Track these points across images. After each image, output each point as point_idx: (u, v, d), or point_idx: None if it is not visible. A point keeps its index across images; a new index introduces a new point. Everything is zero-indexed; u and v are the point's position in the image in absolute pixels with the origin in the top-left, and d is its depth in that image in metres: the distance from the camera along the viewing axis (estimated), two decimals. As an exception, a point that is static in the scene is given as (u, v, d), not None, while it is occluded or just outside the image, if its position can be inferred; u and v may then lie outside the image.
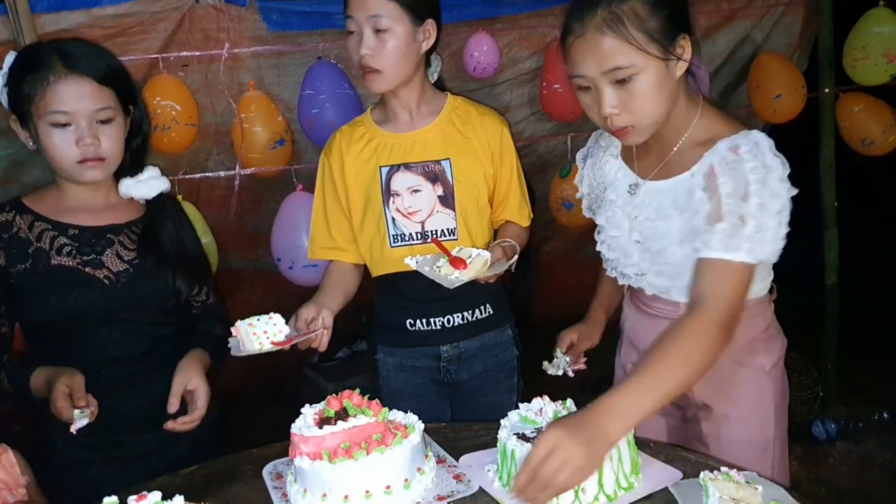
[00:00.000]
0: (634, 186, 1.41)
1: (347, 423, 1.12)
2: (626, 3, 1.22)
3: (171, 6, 2.19)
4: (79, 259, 1.48)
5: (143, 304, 1.52)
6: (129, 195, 1.58)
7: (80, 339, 1.49)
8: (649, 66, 1.24)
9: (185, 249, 1.61)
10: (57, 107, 1.40)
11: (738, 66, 3.01)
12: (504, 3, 2.61)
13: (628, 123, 1.29)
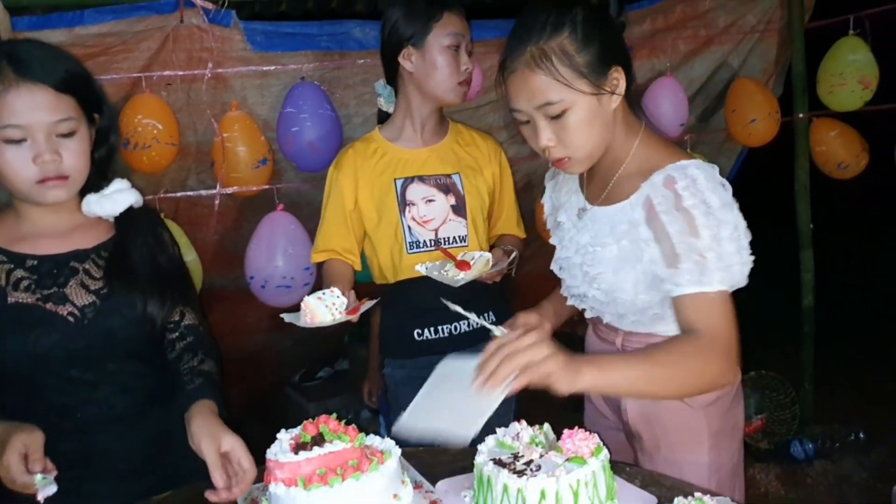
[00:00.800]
0: (582, 211, 1.44)
1: (323, 449, 1.11)
2: (554, 40, 1.24)
3: (155, 26, 2.20)
4: (38, 294, 1.31)
5: (115, 339, 1.34)
6: (94, 213, 1.39)
7: (48, 384, 1.32)
8: (579, 101, 1.26)
9: (158, 268, 1.40)
10: (8, 120, 1.22)
11: (715, 91, 3.08)
12: (487, 27, 2.65)
13: (564, 155, 1.31)
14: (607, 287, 1.35)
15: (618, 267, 1.33)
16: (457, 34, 1.79)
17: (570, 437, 1.08)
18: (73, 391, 1.33)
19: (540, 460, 1.07)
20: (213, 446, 1.19)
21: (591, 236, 1.39)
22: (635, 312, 1.36)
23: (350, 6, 2.75)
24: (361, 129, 2.56)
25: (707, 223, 1.21)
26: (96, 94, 1.36)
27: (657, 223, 1.24)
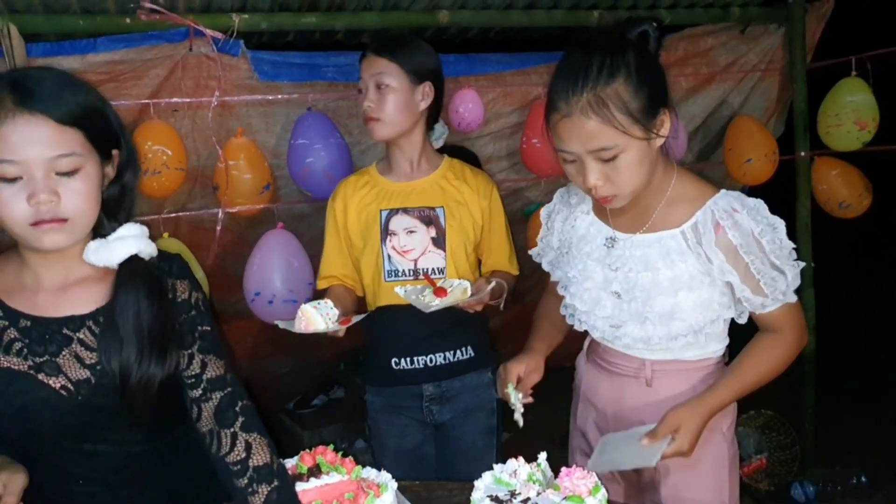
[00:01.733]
0: (611, 240, 1.46)
1: (320, 481, 1.11)
2: (609, 87, 1.26)
3: (165, 54, 2.23)
4: (31, 361, 1.17)
5: (114, 414, 1.19)
6: (92, 262, 1.21)
7: (43, 450, 1.20)
8: (632, 145, 1.29)
9: (140, 327, 1.18)
10: (3, 155, 1.08)
11: (715, 128, 3.10)
12: (489, 61, 2.70)
13: (611, 193, 1.35)
14: (664, 310, 1.39)
15: (676, 289, 1.38)
16: (366, 76, 1.88)
17: (567, 476, 1.08)
18: (70, 460, 1.22)
19: (537, 498, 1.07)
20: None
21: (636, 263, 1.42)
22: (687, 335, 1.41)
23: (356, 38, 2.79)
24: (364, 157, 2.59)
25: (773, 250, 1.35)
26: (111, 129, 1.21)
27: (731, 250, 1.35)
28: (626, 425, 1.45)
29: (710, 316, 1.40)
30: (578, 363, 1.67)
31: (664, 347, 1.44)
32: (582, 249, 1.51)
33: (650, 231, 1.42)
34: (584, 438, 1.61)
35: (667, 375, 1.46)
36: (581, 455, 1.61)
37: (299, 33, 2.67)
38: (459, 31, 2.85)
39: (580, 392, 1.63)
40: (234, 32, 2.26)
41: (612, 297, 1.45)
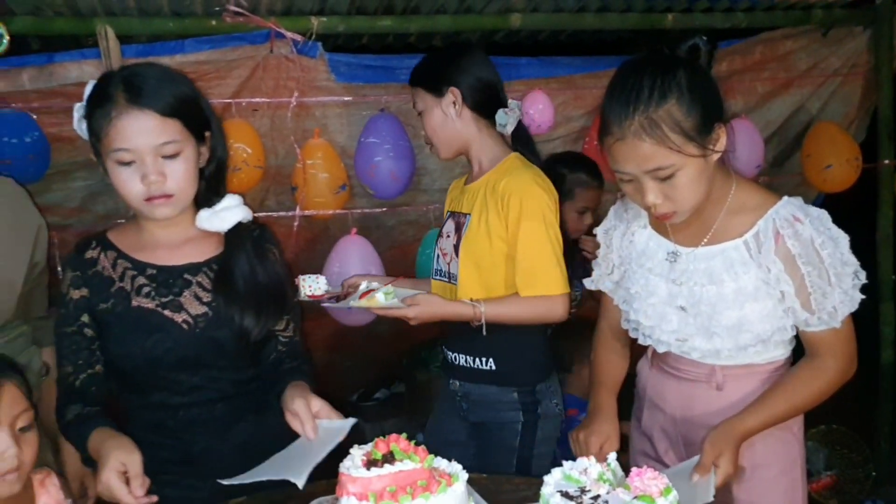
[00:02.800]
0: (673, 255, 1.46)
1: (394, 467, 1.14)
2: (661, 108, 1.26)
3: (247, 55, 2.33)
4: (157, 301, 1.41)
5: (221, 348, 1.42)
6: (205, 228, 1.46)
7: (157, 384, 1.41)
8: (688, 163, 1.29)
9: (257, 285, 1.45)
10: (120, 144, 1.32)
11: (792, 134, 3.03)
12: (560, 63, 2.70)
13: (670, 210, 1.35)
14: (732, 323, 1.38)
15: (742, 302, 1.37)
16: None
17: (638, 476, 1.08)
18: (178, 393, 1.42)
19: (607, 496, 1.07)
20: (304, 404, 1.30)
21: (700, 276, 1.41)
22: (755, 345, 1.40)
23: (428, 40, 2.84)
24: (432, 160, 2.64)
25: (834, 263, 1.32)
26: (204, 115, 1.43)
27: (790, 260, 1.33)
28: (696, 429, 1.44)
29: (777, 324, 1.39)
30: (641, 368, 1.66)
31: (733, 358, 1.43)
32: (643, 265, 1.51)
33: (712, 243, 1.41)
34: (650, 442, 1.61)
35: (738, 379, 1.45)
36: (644, 458, 1.61)
37: (373, 36, 2.74)
38: (530, 33, 2.87)
39: (645, 397, 1.62)
40: (312, 35, 2.34)
41: (677, 311, 1.45)
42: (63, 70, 2.12)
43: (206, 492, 1.38)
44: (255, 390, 1.49)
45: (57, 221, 2.33)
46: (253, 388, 1.49)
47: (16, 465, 1.19)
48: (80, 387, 1.40)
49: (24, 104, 2.11)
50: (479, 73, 1.85)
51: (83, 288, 1.42)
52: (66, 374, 1.42)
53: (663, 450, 1.57)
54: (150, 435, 1.42)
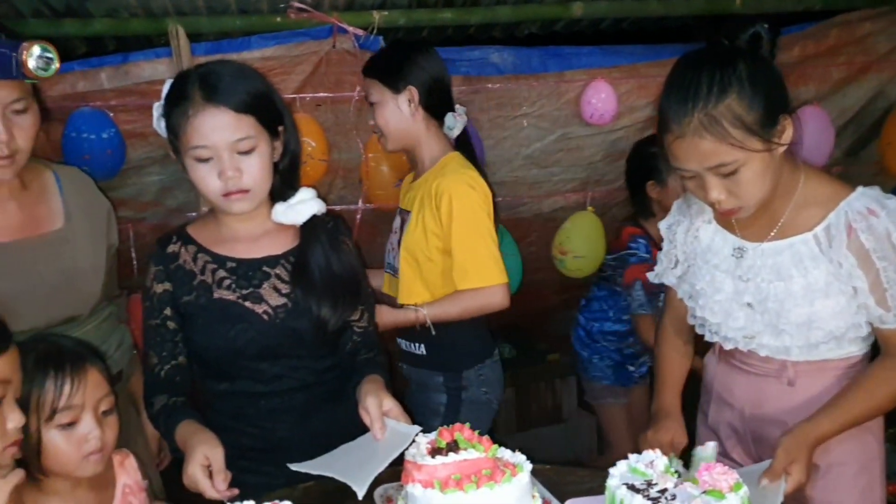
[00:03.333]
0: (740, 250, 1.42)
1: (459, 456, 1.15)
2: (721, 103, 1.22)
3: (310, 50, 2.36)
4: (238, 293, 1.45)
5: (300, 338, 1.46)
6: (281, 222, 1.50)
7: (240, 374, 1.47)
8: (752, 158, 1.25)
9: (332, 276, 1.48)
10: (197, 141, 1.36)
11: (869, 122, 2.89)
12: (623, 52, 2.65)
13: (735, 206, 1.31)
14: (802, 320, 1.34)
15: (812, 298, 1.33)
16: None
17: (707, 470, 1.06)
18: (260, 381, 1.47)
19: (675, 490, 1.06)
20: (376, 402, 1.33)
21: (768, 272, 1.37)
22: (828, 342, 1.36)
23: (487, 32, 2.83)
24: (491, 153, 2.63)
25: None
26: (277, 110, 1.46)
27: (863, 254, 1.28)
28: (766, 426, 1.41)
29: (850, 321, 1.34)
30: (708, 361, 1.62)
31: (805, 355, 1.39)
32: (709, 261, 1.47)
33: (779, 237, 1.37)
34: (717, 438, 1.57)
35: (810, 375, 1.41)
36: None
37: (433, 28, 2.75)
38: (592, 22, 2.82)
39: (712, 391, 1.59)
40: (374, 29, 2.36)
41: (744, 308, 1.41)
42: (137, 69, 2.20)
43: (283, 479, 1.42)
44: (332, 380, 1.53)
45: (132, 214, 2.43)
46: (330, 378, 1.53)
47: (99, 446, 1.25)
48: (164, 377, 1.46)
49: (101, 102, 2.20)
50: (436, 75, 1.92)
51: (166, 282, 1.47)
52: (152, 366, 1.47)
53: (731, 446, 1.54)
54: (231, 422, 1.48)
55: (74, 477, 1.26)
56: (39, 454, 1.21)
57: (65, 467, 1.24)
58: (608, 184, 2.85)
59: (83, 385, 1.24)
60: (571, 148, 2.73)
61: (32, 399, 1.20)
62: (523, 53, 2.56)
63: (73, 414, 1.23)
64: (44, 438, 1.21)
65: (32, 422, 1.19)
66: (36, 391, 1.20)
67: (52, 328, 1.45)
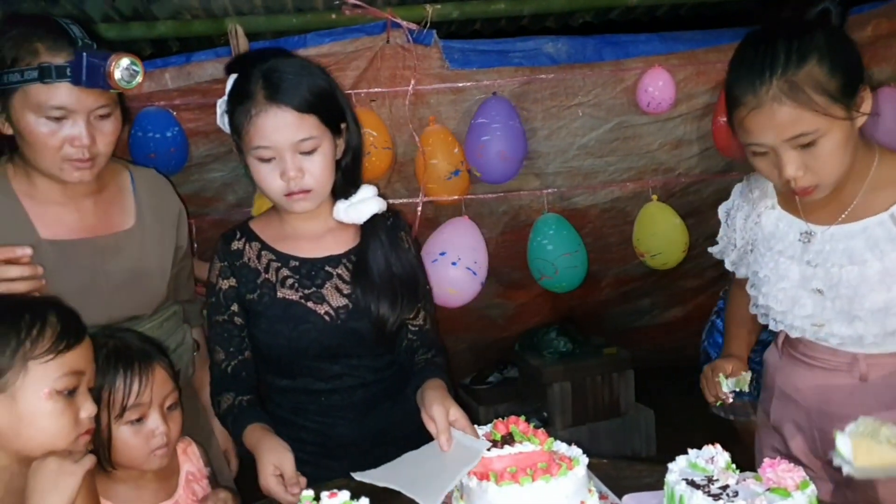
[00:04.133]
0: (808, 234, 1.37)
1: (514, 449, 1.16)
2: (802, 69, 1.19)
3: (365, 46, 2.39)
4: (301, 293, 1.46)
5: (360, 338, 1.47)
6: (342, 220, 1.50)
7: (301, 371, 1.48)
8: (834, 128, 1.21)
9: (392, 275, 1.48)
10: (260, 142, 1.36)
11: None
12: (681, 39, 2.59)
13: (812, 183, 1.26)
14: (878, 306, 1.28)
15: (889, 283, 1.27)
16: None
17: (771, 467, 1.04)
18: (321, 379, 1.49)
19: (737, 486, 1.04)
20: (443, 412, 1.29)
21: (839, 257, 1.32)
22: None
23: (541, 22, 2.80)
24: (545, 143, 2.62)
25: None
26: (340, 108, 1.45)
27: None
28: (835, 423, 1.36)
29: None
30: (769, 356, 1.57)
31: (879, 346, 1.32)
32: (773, 247, 1.42)
33: (851, 220, 1.31)
34: (780, 437, 1.53)
35: (885, 368, 1.34)
36: (772, 452, 1.53)
37: (486, 20, 2.74)
38: (648, 9, 2.77)
39: (774, 387, 1.54)
40: (427, 23, 2.37)
41: (812, 294, 1.35)
42: (199, 69, 2.27)
43: (340, 473, 1.42)
44: (390, 377, 1.54)
45: (195, 210, 2.51)
46: (388, 375, 1.54)
47: (165, 441, 1.29)
48: (231, 373, 1.48)
49: (166, 102, 2.28)
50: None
51: (231, 278, 1.49)
52: (219, 361, 1.50)
53: (796, 446, 1.49)
54: (291, 416, 1.51)
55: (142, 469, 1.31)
56: (109, 448, 1.26)
57: (133, 461, 1.28)
58: (665, 173, 2.79)
59: (151, 383, 1.28)
60: (628, 137, 2.69)
61: (103, 395, 1.24)
62: (578, 42, 2.52)
63: (140, 411, 1.27)
64: (113, 434, 1.26)
65: (103, 417, 1.24)
66: (107, 387, 1.25)
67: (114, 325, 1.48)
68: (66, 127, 1.34)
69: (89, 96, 1.35)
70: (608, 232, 2.99)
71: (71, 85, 1.32)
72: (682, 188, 2.85)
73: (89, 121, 1.37)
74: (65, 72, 1.30)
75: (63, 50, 1.32)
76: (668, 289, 3.49)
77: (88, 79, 1.31)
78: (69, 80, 1.31)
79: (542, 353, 3.51)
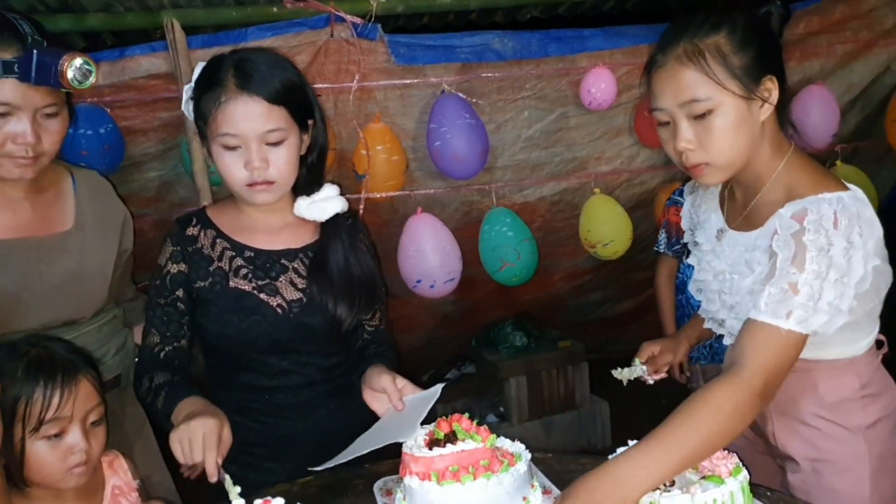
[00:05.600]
0: (721, 232, 1.39)
1: (456, 447, 1.14)
2: (710, 38, 1.20)
3: (308, 40, 2.35)
4: (254, 283, 1.43)
5: (311, 334, 1.44)
6: (303, 216, 1.48)
7: (248, 366, 1.45)
8: (727, 103, 1.20)
9: (351, 277, 1.47)
10: (227, 129, 1.33)
11: (877, 99, 2.84)
12: (626, 34, 2.62)
13: (702, 160, 1.24)
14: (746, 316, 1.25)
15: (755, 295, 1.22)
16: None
17: (707, 456, 1.05)
18: (266, 375, 1.45)
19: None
20: (390, 379, 1.33)
21: (728, 263, 1.34)
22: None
23: (489, 17, 2.80)
24: (493, 137, 2.62)
25: (817, 260, 1.13)
26: (309, 104, 1.44)
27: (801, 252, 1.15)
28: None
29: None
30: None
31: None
32: (697, 238, 1.46)
33: (743, 227, 1.32)
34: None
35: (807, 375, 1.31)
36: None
37: (433, 15, 2.72)
38: (595, 4, 2.79)
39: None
40: (372, 17, 2.34)
41: (717, 291, 1.38)
42: (134, 64, 2.20)
43: (284, 475, 1.41)
44: (338, 377, 1.51)
45: (134, 211, 2.41)
46: (336, 375, 1.51)
47: (84, 459, 1.21)
48: (164, 358, 1.44)
49: (98, 98, 2.20)
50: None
51: (182, 263, 1.45)
52: (152, 344, 1.44)
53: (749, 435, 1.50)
54: (235, 416, 1.42)
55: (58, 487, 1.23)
56: (22, 465, 1.17)
57: (47, 479, 1.20)
58: (608, 161, 2.82)
59: (74, 396, 1.20)
60: (570, 127, 2.71)
61: (20, 407, 1.16)
62: (524, 38, 2.53)
63: (60, 425, 1.19)
64: (28, 449, 1.17)
65: (17, 430, 1.16)
66: (24, 399, 1.16)
67: (51, 329, 1.44)
68: (10, 123, 1.32)
69: (37, 94, 1.32)
70: (558, 226, 3.01)
71: (17, 81, 1.29)
72: (626, 180, 2.89)
73: (35, 118, 1.34)
74: (12, 68, 1.28)
75: (11, 46, 1.29)
76: (619, 281, 3.54)
77: (38, 76, 1.29)
78: (16, 76, 1.28)
79: (499, 348, 3.52)
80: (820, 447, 1.32)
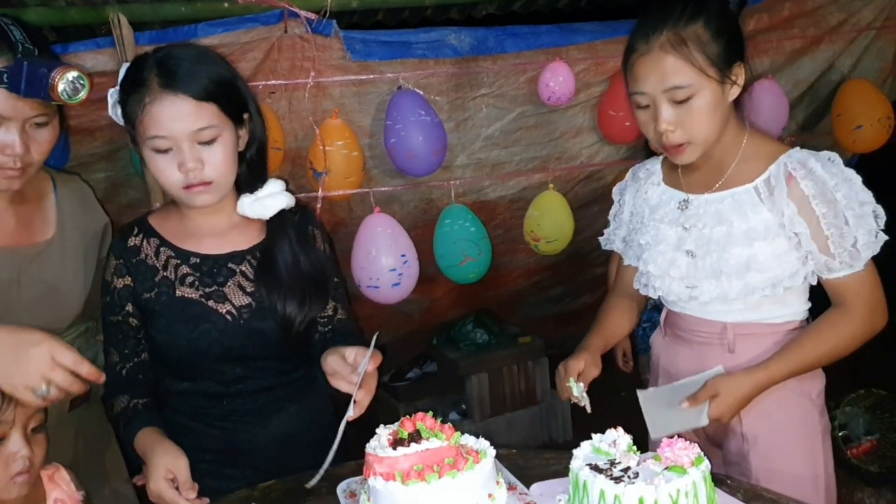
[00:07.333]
0: (685, 202, 1.48)
1: (420, 446, 1.13)
2: (690, 27, 1.31)
3: (261, 37, 2.29)
4: (201, 291, 1.39)
5: (265, 339, 1.40)
6: (247, 215, 1.43)
7: (202, 374, 1.41)
8: (706, 87, 1.32)
9: (300, 272, 1.42)
10: (155, 131, 1.28)
11: (823, 94, 2.93)
12: (581, 30, 2.64)
13: (683, 140, 1.36)
14: (740, 262, 1.39)
15: (750, 240, 1.38)
16: None
17: (669, 446, 1.06)
18: (222, 383, 1.41)
19: (637, 468, 1.05)
20: (337, 358, 1.29)
21: (709, 219, 1.43)
22: (764, 288, 1.38)
23: (444, 13, 2.79)
24: (452, 135, 2.60)
25: (850, 204, 1.32)
26: (242, 97, 1.39)
27: (804, 202, 1.33)
28: None
29: (789, 269, 1.38)
30: (654, 341, 1.65)
31: (743, 305, 1.42)
32: (654, 216, 1.53)
33: (723, 189, 1.42)
34: None
35: (749, 340, 1.44)
36: None
37: (388, 11, 2.69)
38: (550, 1, 2.80)
39: (658, 368, 1.62)
40: (326, 13, 2.30)
41: (685, 256, 1.46)
42: (78, 60, 2.10)
43: (243, 482, 1.38)
44: (296, 380, 1.48)
45: (83, 212, 2.35)
46: (295, 379, 1.48)
47: (27, 466, 1.17)
48: (126, 376, 1.40)
49: (42, 97, 2.11)
50: None
51: (127, 276, 1.41)
52: (114, 364, 1.41)
53: None
54: (191, 422, 1.42)
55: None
56: None
57: None
58: (569, 160, 2.84)
59: (14, 401, 1.15)
60: (531, 126, 2.72)
61: None
62: (480, 34, 2.53)
63: (0, 431, 1.15)
64: None
65: None
66: None
67: None
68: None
69: (26, 104, 1.26)
70: (517, 223, 3.02)
71: (6, 91, 1.23)
72: (585, 176, 2.91)
73: (24, 129, 1.28)
74: (1, 78, 1.22)
75: (1, 55, 1.23)
76: (577, 276, 3.57)
77: (28, 88, 1.23)
78: (5, 86, 1.22)
79: (459, 345, 3.52)
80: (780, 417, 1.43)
